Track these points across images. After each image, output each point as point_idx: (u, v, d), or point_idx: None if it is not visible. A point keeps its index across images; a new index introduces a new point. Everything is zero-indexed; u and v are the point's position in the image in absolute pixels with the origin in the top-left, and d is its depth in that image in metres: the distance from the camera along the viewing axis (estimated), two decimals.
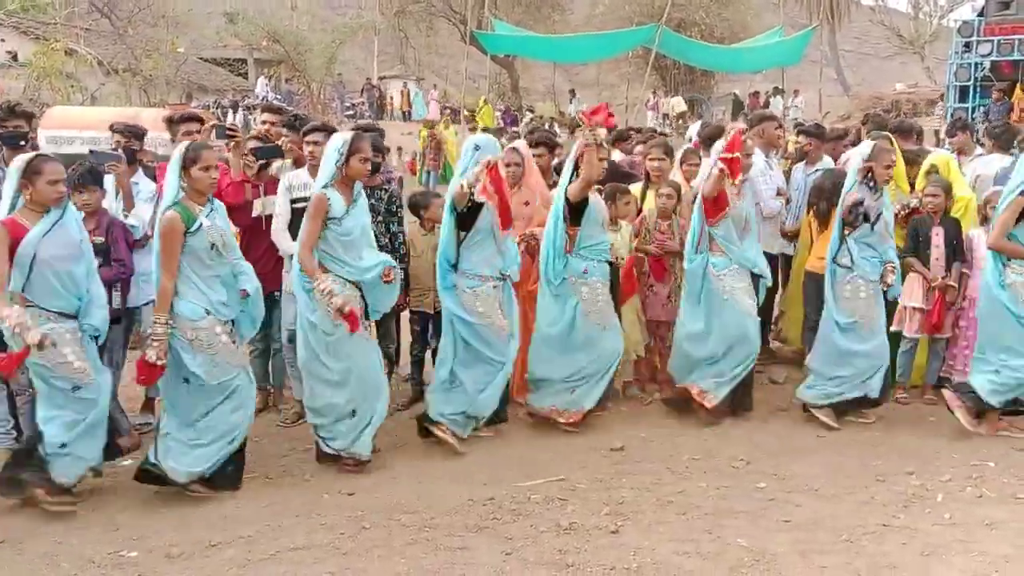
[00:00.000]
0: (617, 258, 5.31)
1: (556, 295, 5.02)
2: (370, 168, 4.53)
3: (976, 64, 13.07)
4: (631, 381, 5.75)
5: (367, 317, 4.55)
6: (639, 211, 5.82)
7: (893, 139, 5.50)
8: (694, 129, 10.83)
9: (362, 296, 4.43)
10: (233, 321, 4.23)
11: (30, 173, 3.84)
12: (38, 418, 3.94)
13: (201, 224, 4.01)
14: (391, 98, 31.12)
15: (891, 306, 5.30)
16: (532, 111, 27.16)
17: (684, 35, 23.88)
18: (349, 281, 4.34)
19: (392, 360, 5.36)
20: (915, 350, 5.51)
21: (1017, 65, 12.73)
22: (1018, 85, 12.33)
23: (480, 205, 4.64)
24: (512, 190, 5.60)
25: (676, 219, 5.61)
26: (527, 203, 5.46)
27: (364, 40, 34.81)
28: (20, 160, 3.91)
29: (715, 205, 5.05)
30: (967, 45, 13.23)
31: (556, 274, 4.98)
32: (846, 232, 4.99)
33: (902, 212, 5.45)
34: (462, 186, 4.62)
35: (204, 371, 4.03)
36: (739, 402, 5.24)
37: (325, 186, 4.32)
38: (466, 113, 21.09)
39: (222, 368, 4.09)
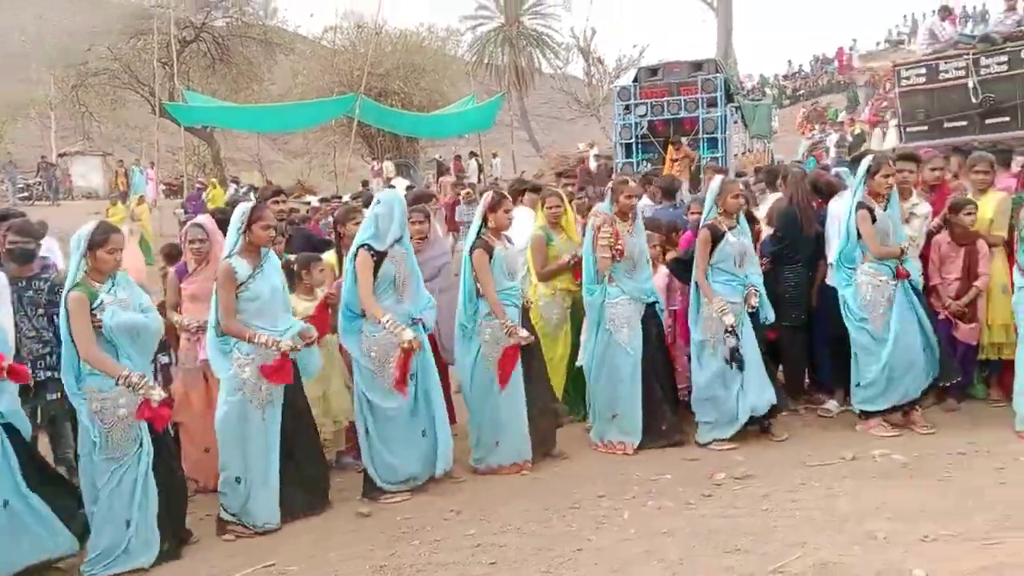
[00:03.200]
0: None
1: (468, 338, 5.31)
2: (272, 235, 4.72)
3: (635, 124, 14.90)
4: (343, 451, 5.67)
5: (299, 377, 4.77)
6: (336, 277, 5.83)
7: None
8: (400, 185, 11.10)
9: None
10: None
11: None
12: None
13: (103, 301, 4.14)
14: (68, 176, 28.68)
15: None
16: (237, 182, 26.31)
17: (384, 104, 24.58)
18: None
19: (72, 466, 4.82)
20: None
21: (668, 124, 14.72)
22: (670, 142, 14.21)
23: (384, 255, 4.86)
24: (199, 267, 5.41)
25: None
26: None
27: (38, 115, 31.70)
28: None
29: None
30: (627, 107, 15.05)
31: (468, 317, 5.29)
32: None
33: (571, 261, 5.97)
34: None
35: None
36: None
37: (229, 255, 4.58)
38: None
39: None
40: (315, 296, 5.48)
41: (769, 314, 5.61)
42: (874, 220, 5.44)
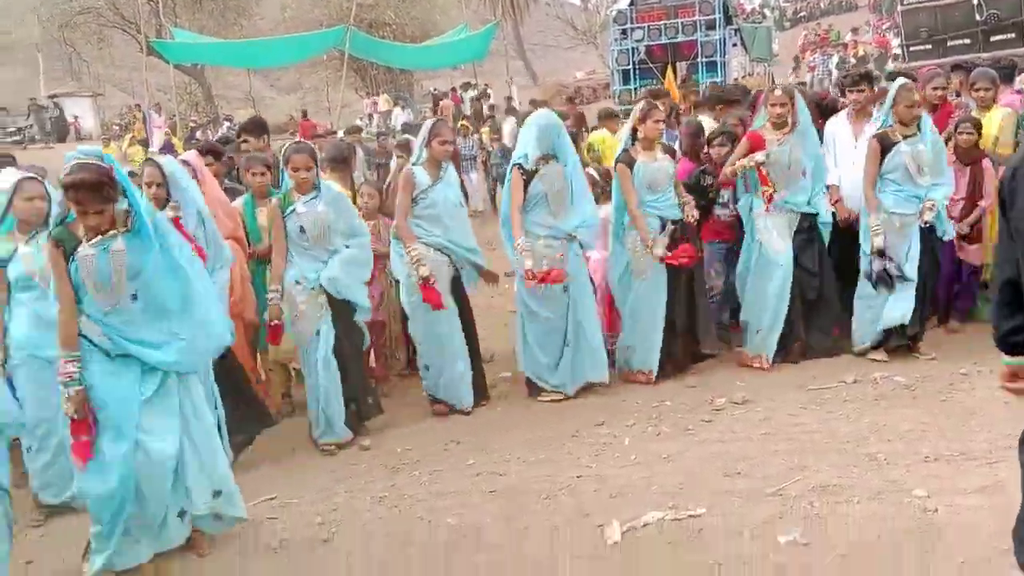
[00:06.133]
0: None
1: (620, 245, 5.47)
2: (449, 151, 5.25)
3: (632, 49, 14.50)
4: None
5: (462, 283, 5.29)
6: None
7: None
8: (399, 120, 10.67)
9: (452, 263, 5.17)
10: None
11: None
12: None
13: (295, 209, 4.70)
14: (75, 118, 28.25)
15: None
16: (230, 120, 25.89)
17: (376, 36, 23.97)
18: (436, 248, 5.08)
19: None
20: None
21: (666, 48, 14.35)
22: (668, 67, 13.88)
23: (534, 173, 5.11)
24: None
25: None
26: None
27: (25, 57, 31.04)
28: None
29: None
30: (623, 32, 14.64)
31: (618, 225, 5.48)
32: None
33: None
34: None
35: None
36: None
37: (414, 164, 5.16)
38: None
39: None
40: None
41: (948, 229, 5.41)
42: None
